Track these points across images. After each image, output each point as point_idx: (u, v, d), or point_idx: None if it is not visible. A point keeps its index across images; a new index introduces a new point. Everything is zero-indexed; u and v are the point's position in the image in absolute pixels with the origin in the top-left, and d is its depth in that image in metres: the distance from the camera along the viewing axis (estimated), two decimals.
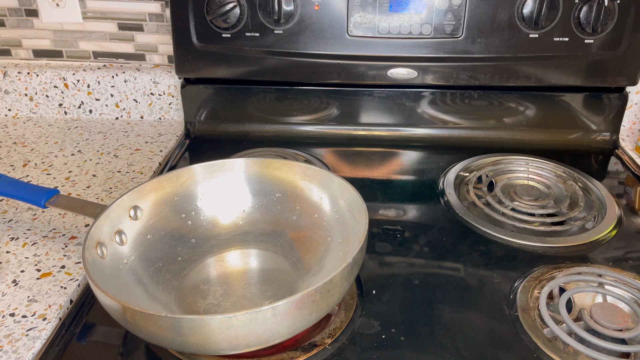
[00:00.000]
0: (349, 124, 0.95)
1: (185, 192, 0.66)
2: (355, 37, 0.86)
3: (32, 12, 1.01)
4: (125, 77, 1.02)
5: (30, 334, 0.54)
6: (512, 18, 0.83)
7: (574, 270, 0.60)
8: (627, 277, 0.59)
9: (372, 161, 0.89)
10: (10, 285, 0.61)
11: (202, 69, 0.91)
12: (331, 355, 0.52)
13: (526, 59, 0.86)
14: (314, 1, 0.84)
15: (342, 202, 0.62)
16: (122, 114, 1.05)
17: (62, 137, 0.98)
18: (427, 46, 0.86)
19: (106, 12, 1.00)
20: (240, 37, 0.87)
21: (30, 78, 1.03)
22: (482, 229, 0.70)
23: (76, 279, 0.62)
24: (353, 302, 0.58)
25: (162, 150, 0.93)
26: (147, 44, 1.03)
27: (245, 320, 0.44)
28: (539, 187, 0.80)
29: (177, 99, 1.03)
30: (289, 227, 0.66)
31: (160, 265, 0.61)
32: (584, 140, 0.93)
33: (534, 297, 0.57)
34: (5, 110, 1.06)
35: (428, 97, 0.92)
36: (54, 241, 0.69)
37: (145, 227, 0.62)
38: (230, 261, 0.65)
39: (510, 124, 0.93)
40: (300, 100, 0.94)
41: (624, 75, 0.87)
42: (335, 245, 0.62)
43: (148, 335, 0.48)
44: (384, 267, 0.64)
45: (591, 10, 0.81)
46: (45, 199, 0.64)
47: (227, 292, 0.60)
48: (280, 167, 0.67)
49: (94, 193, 0.80)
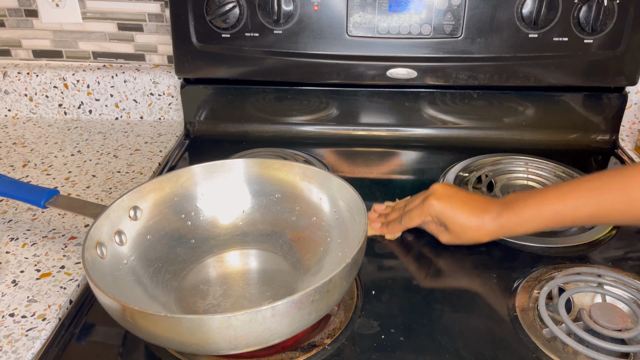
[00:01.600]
0: (348, 124, 0.95)
1: (185, 193, 0.66)
2: (354, 37, 0.86)
3: (31, 12, 1.01)
4: (125, 78, 1.02)
5: (29, 334, 0.55)
6: (511, 18, 0.83)
7: (573, 271, 0.60)
8: (626, 277, 0.59)
9: (372, 161, 0.89)
10: (10, 285, 0.61)
11: (202, 69, 0.91)
12: (330, 356, 0.52)
13: (526, 59, 0.86)
14: (313, 1, 0.84)
15: (342, 203, 0.62)
16: (121, 114, 1.05)
17: (62, 137, 0.98)
18: (427, 46, 0.86)
19: (106, 13, 1.00)
20: (240, 37, 0.87)
21: (30, 78, 1.03)
22: None
23: (76, 279, 0.62)
24: (352, 302, 0.58)
25: (161, 151, 0.93)
26: (146, 44, 1.03)
27: (244, 320, 0.44)
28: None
29: (177, 99, 1.03)
30: (288, 227, 0.66)
31: (160, 265, 0.61)
32: (583, 140, 0.93)
33: (534, 297, 0.57)
34: (5, 110, 1.06)
35: (427, 97, 0.92)
36: (54, 241, 0.69)
37: (145, 227, 0.62)
38: (230, 261, 0.65)
39: (509, 124, 0.93)
40: (299, 101, 0.94)
41: (623, 75, 0.87)
42: (334, 246, 0.62)
43: (147, 335, 0.48)
44: (383, 268, 0.64)
45: (590, 10, 0.81)
46: (45, 199, 0.64)
47: (227, 292, 0.60)
48: (279, 167, 0.67)
49: (93, 193, 0.80)
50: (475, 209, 0.63)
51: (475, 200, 0.64)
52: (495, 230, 0.61)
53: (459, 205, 0.63)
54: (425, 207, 0.65)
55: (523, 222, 0.60)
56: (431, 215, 0.64)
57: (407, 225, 0.67)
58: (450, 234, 0.64)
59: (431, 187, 0.66)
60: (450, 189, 0.66)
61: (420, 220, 0.66)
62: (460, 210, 0.63)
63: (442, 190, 0.65)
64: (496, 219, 0.61)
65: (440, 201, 0.64)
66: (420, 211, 0.65)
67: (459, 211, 0.63)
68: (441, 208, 0.63)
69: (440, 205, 0.63)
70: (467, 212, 0.63)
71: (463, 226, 0.63)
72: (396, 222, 0.68)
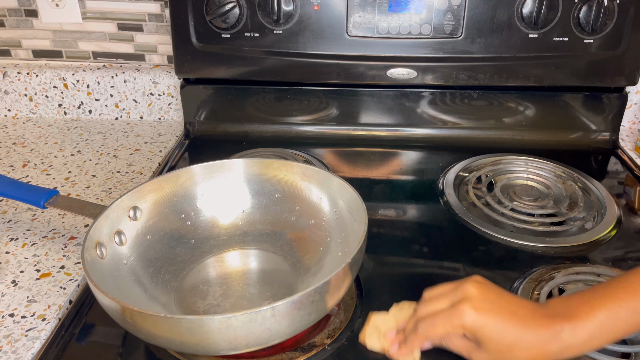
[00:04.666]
0: (348, 124, 0.95)
1: (185, 193, 0.66)
2: (354, 37, 0.86)
3: (31, 12, 1.01)
4: (125, 78, 1.02)
5: (29, 334, 0.54)
6: (511, 18, 0.83)
7: (572, 271, 0.60)
8: None
9: (372, 161, 0.89)
10: (10, 285, 0.61)
11: (202, 69, 0.91)
12: (330, 356, 0.52)
13: (526, 59, 0.86)
14: (313, 1, 0.84)
15: (342, 203, 0.62)
16: (121, 114, 1.05)
17: (62, 137, 0.98)
18: (427, 46, 0.86)
19: (106, 13, 1.00)
20: (240, 37, 0.87)
21: (29, 78, 1.03)
22: (481, 229, 0.70)
23: (75, 279, 0.62)
24: (352, 302, 0.58)
25: (161, 151, 0.93)
26: (146, 44, 1.03)
27: (244, 321, 0.44)
28: (539, 187, 0.80)
29: (177, 99, 1.03)
30: (288, 227, 0.66)
31: (160, 265, 0.61)
32: (583, 140, 0.93)
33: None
34: (5, 110, 1.06)
35: (428, 97, 0.92)
36: (54, 241, 0.69)
37: (145, 227, 0.62)
38: (230, 261, 0.65)
39: (509, 124, 0.93)
40: (299, 101, 0.94)
41: (623, 75, 0.87)
42: (334, 246, 0.62)
43: (147, 336, 0.48)
44: (383, 268, 0.64)
45: (590, 10, 0.81)
46: (44, 199, 0.64)
47: (227, 293, 0.60)
48: (279, 167, 0.67)
49: (93, 193, 0.80)
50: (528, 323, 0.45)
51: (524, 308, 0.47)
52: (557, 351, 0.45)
53: (505, 317, 0.46)
54: (455, 316, 0.47)
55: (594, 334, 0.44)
56: (465, 329, 0.47)
57: (427, 335, 0.49)
58: (488, 354, 0.46)
59: (462, 287, 0.48)
60: (490, 293, 0.48)
61: (445, 331, 0.48)
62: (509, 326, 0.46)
63: (479, 294, 0.47)
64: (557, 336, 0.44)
65: (480, 312, 0.46)
66: (447, 319, 0.47)
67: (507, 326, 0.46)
68: (481, 321, 0.46)
69: (478, 318, 0.46)
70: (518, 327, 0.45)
71: (511, 347, 0.45)
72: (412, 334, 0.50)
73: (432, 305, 0.49)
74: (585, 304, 0.45)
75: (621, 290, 0.45)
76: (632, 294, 0.44)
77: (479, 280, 0.49)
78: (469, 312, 0.46)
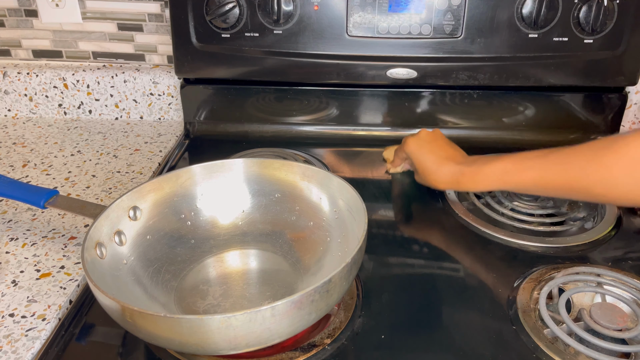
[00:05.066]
0: (348, 124, 0.95)
1: (185, 193, 0.66)
2: (354, 37, 0.86)
3: (31, 12, 1.01)
4: (125, 78, 1.02)
5: (29, 334, 0.54)
6: (511, 18, 0.83)
7: (572, 270, 0.60)
8: (626, 277, 0.59)
9: (372, 161, 0.89)
10: (10, 285, 0.61)
11: (202, 69, 0.91)
12: (330, 356, 0.52)
13: (525, 59, 0.86)
14: (313, 1, 0.84)
15: (342, 202, 0.62)
16: (121, 114, 1.05)
17: (62, 137, 0.98)
18: (427, 46, 0.86)
19: (106, 13, 1.00)
20: (240, 37, 0.87)
21: (29, 78, 1.03)
22: (481, 229, 0.70)
23: (75, 279, 0.62)
24: (352, 302, 0.58)
25: (161, 151, 0.93)
26: (146, 44, 1.03)
27: (244, 320, 0.44)
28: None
29: (177, 99, 1.03)
30: (288, 227, 0.66)
31: (160, 265, 0.61)
32: (583, 140, 0.91)
33: (534, 298, 0.57)
34: (5, 110, 1.06)
35: (427, 97, 0.92)
36: (54, 241, 0.69)
37: (145, 227, 0.62)
38: (230, 261, 0.65)
39: (509, 124, 0.93)
40: (299, 101, 0.94)
41: (623, 75, 0.87)
42: (334, 246, 0.62)
43: (147, 336, 0.48)
44: (383, 268, 0.64)
45: (590, 10, 0.81)
46: (44, 199, 0.64)
47: (227, 293, 0.60)
48: (279, 167, 0.67)
49: (93, 193, 0.80)
50: (441, 157, 0.68)
51: (447, 150, 0.69)
52: (450, 179, 0.66)
53: (428, 150, 0.70)
54: (403, 145, 0.74)
55: (477, 176, 0.64)
56: (405, 153, 0.73)
57: (399, 157, 0.78)
58: (418, 175, 0.73)
59: (421, 131, 0.73)
60: (433, 135, 0.72)
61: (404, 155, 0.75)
62: (427, 155, 0.70)
63: (425, 134, 0.72)
64: (453, 169, 0.66)
65: (415, 143, 0.72)
66: (403, 148, 0.74)
67: (426, 156, 0.69)
68: (412, 149, 0.72)
69: (412, 146, 0.72)
70: (433, 157, 0.69)
71: (424, 169, 0.70)
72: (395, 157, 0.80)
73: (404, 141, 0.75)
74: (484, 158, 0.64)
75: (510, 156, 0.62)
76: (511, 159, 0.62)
77: (433, 130, 0.74)
78: (410, 142, 0.73)
